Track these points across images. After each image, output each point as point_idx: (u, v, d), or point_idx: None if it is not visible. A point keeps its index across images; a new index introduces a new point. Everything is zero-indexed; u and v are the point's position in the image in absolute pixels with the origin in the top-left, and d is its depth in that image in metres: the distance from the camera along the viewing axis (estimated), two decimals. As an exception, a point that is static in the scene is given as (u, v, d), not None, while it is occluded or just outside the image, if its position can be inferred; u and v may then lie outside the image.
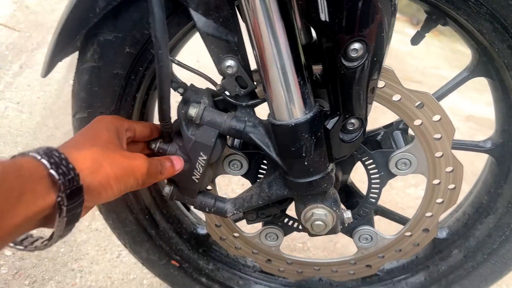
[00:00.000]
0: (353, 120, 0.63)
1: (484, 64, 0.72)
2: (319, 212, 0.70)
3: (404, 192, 1.78)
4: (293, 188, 0.68)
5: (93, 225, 1.26)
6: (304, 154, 0.64)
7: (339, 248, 1.40)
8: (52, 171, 0.45)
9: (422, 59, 3.63)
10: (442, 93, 0.77)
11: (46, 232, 0.52)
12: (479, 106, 2.95)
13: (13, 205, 0.42)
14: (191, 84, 0.72)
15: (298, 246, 1.38)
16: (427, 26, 0.72)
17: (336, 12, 0.52)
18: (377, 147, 0.79)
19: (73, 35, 0.68)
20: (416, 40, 0.74)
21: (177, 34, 0.70)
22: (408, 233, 0.82)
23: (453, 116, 2.53)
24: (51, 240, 0.50)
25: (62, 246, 1.19)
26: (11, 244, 0.49)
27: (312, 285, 1.01)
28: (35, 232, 0.47)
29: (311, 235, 0.77)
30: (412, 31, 3.93)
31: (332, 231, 0.74)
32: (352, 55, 0.56)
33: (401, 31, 3.93)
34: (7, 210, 0.41)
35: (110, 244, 1.21)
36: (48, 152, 0.47)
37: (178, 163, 0.68)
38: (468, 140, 0.82)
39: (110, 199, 0.56)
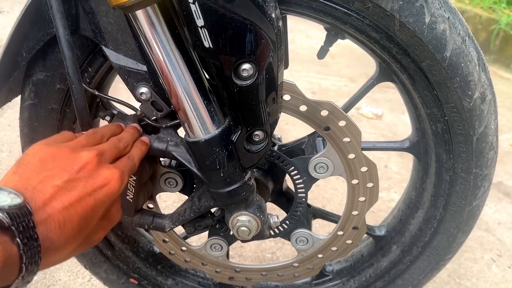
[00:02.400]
0: (257, 132, 0.69)
1: (385, 70, 0.79)
2: (243, 219, 0.75)
3: (375, 196, 1.83)
4: (217, 198, 0.74)
5: (66, 252, 1.32)
6: (218, 166, 0.70)
7: (308, 255, 1.44)
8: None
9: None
10: (354, 100, 0.84)
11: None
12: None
13: None
14: (118, 112, 0.79)
15: (267, 257, 1.43)
16: (329, 41, 0.79)
17: (218, 39, 0.59)
18: (302, 154, 0.84)
19: (6, 78, 0.76)
20: (321, 54, 0.81)
21: (102, 67, 0.77)
22: (340, 232, 0.87)
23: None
24: None
25: (36, 275, 1.24)
26: None
27: (269, 292, 1.06)
28: None
29: (242, 241, 0.82)
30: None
31: (260, 235, 0.79)
32: (243, 75, 0.63)
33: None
34: None
35: (82, 269, 1.27)
36: (27, 231, 0.45)
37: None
38: (389, 141, 0.88)
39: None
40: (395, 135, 2.43)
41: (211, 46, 0.60)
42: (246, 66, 0.62)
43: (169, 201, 1.65)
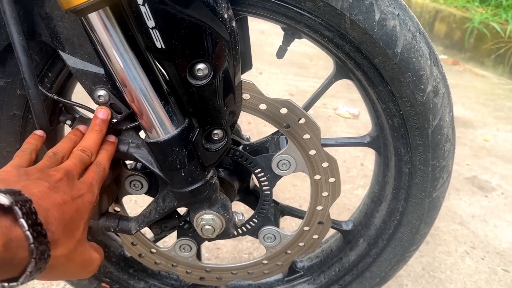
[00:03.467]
0: (216, 131, 0.71)
1: (341, 67, 0.81)
2: (207, 217, 0.77)
3: (351, 194, 1.86)
4: (180, 198, 0.75)
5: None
6: (179, 166, 0.71)
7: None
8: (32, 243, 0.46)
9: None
10: (314, 98, 0.86)
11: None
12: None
13: None
14: (79, 116, 0.80)
15: (244, 257, 1.44)
16: (287, 40, 0.80)
17: (170, 39, 0.60)
18: (266, 153, 0.86)
19: (-35, 86, 0.76)
20: (280, 54, 0.83)
21: (63, 71, 0.78)
22: (306, 228, 0.89)
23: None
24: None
25: (9, 284, 1.23)
26: None
27: (243, 291, 1.07)
28: None
29: (208, 240, 0.83)
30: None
31: (225, 234, 0.80)
32: (199, 74, 0.64)
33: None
34: None
35: (56, 277, 1.26)
36: (30, 216, 0.46)
37: None
38: (350, 137, 0.90)
39: None
40: (372, 133, 2.47)
41: (163, 47, 0.61)
42: (200, 66, 0.64)
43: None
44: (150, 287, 1.05)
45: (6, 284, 0.45)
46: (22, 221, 0.44)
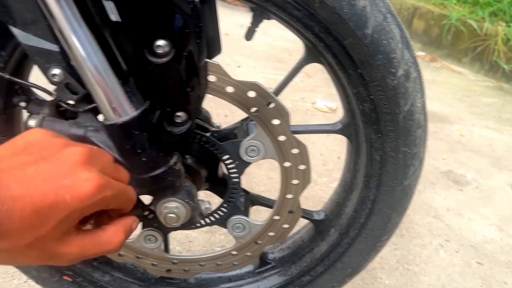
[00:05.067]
0: (179, 113, 0.67)
1: (311, 50, 0.78)
2: (171, 205, 0.73)
3: (328, 187, 1.84)
4: (141, 185, 0.71)
5: (2, 255, 1.25)
6: (139, 151, 0.67)
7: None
8: None
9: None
10: (283, 82, 0.83)
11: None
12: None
13: None
14: (35, 97, 0.75)
15: (216, 250, 1.40)
16: (255, 21, 0.78)
17: (125, 12, 0.57)
18: (235, 139, 0.83)
19: None
20: (249, 35, 0.80)
21: (17, 50, 0.73)
22: (276, 217, 0.86)
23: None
24: None
25: (-33, 280, 1.17)
26: None
27: (212, 283, 1.04)
28: None
29: (174, 229, 0.80)
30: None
31: (191, 222, 0.77)
32: (158, 52, 0.61)
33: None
34: None
35: (18, 271, 1.20)
36: None
37: None
38: (321, 124, 0.88)
39: None
40: (350, 128, 2.47)
41: (119, 20, 0.57)
42: (160, 42, 0.60)
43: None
44: (116, 281, 1.01)
45: None
46: None
